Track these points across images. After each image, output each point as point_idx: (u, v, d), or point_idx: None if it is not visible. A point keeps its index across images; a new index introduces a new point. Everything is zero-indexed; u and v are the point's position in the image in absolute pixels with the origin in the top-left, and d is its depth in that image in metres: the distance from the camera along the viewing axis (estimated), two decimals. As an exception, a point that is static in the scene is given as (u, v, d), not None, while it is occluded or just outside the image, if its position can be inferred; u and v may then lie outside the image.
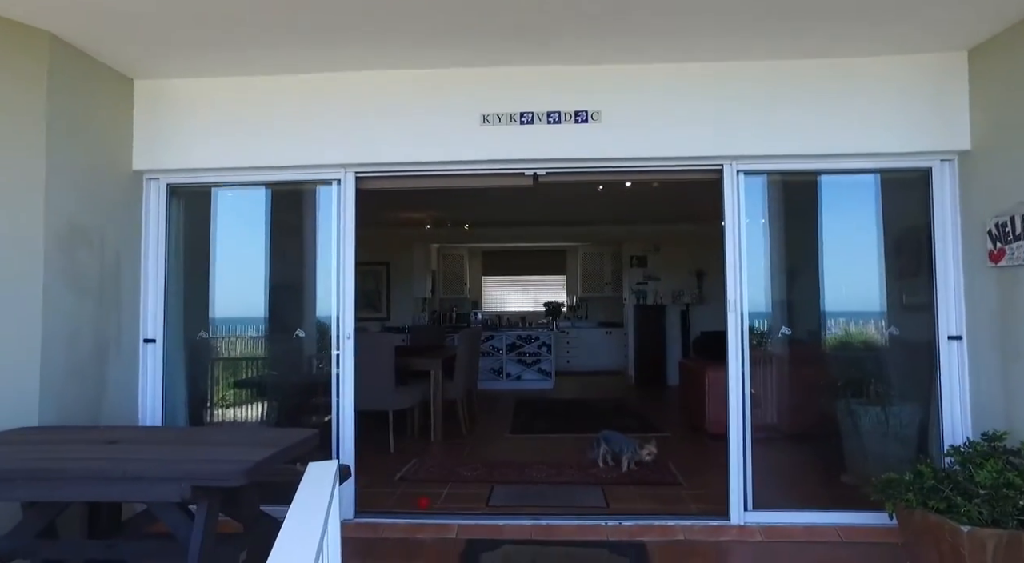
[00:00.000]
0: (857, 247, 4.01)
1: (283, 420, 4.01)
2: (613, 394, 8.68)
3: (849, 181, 3.86)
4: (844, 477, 4.07)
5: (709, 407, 5.42)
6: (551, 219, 9.11)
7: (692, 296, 9.24)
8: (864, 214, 3.92)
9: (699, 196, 6.89)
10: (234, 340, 4.08)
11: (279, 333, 4.04)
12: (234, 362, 4.12)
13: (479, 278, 12.85)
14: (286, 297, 4.06)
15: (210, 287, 4.06)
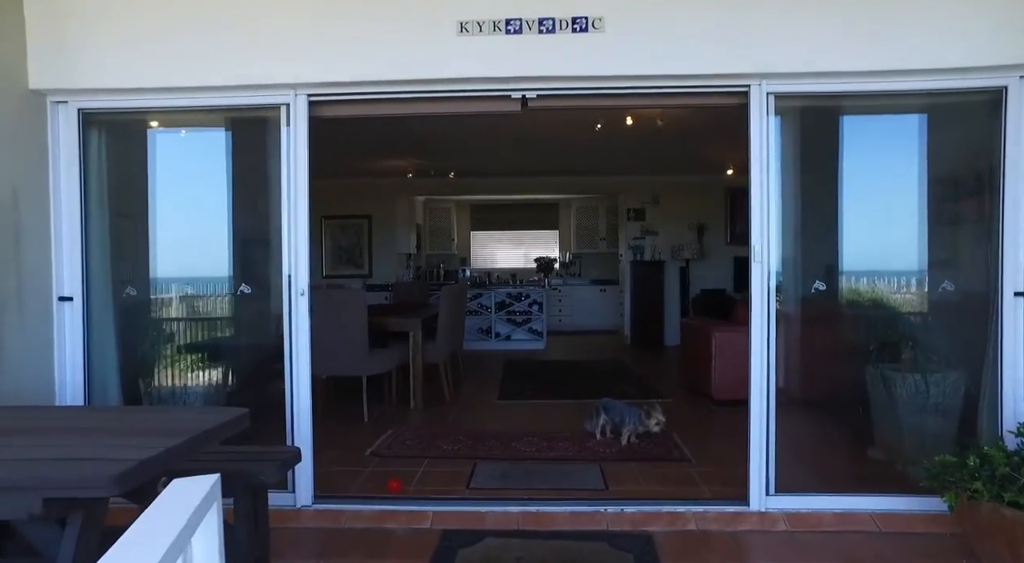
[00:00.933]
0: (900, 189, 3.43)
1: (233, 392, 3.46)
2: (608, 355, 8.20)
3: (898, 107, 3.25)
4: (871, 451, 3.60)
5: (716, 371, 4.92)
6: (543, 169, 8.45)
7: (693, 251, 8.69)
8: (911, 149, 3.34)
9: (707, 137, 6.27)
10: (172, 298, 3.49)
11: (225, 289, 3.46)
12: (173, 323, 3.54)
13: (467, 233, 12.23)
14: (237, 248, 3.46)
15: (145, 236, 3.45)
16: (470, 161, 7.68)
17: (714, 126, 5.71)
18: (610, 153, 7.23)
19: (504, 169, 8.42)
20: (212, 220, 3.45)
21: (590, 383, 6.08)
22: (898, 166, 3.47)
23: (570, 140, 6.38)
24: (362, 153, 7.19)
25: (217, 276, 3.43)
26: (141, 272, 3.40)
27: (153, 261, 3.42)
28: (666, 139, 6.39)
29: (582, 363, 7.45)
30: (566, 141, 6.43)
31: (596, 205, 11.64)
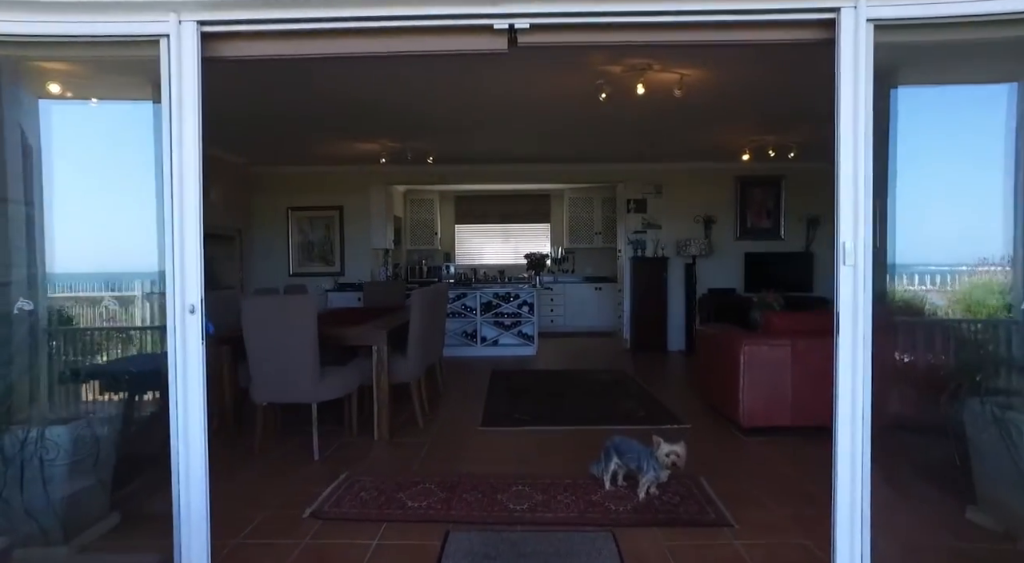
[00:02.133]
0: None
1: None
2: (607, 363, 7.32)
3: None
4: (972, 513, 2.74)
5: (745, 393, 4.05)
6: (534, 154, 7.53)
7: (701, 247, 7.82)
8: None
9: (728, 112, 5.24)
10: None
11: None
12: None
13: (452, 226, 11.30)
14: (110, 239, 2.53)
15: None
16: (451, 143, 6.74)
17: (740, 97, 4.83)
18: (611, 135, 6.32)
19: (490, 154, 7.50)
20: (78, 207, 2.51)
21: (590, 401, 5.19)
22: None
23: (567, 116, 5.47)
24: (327, 134, 6.24)
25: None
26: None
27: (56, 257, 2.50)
28: (679, 116, 5.50)
29: (578, 374, 6.56)
30: (562, 117, 5.51)
31: (591, 196, 10.75)
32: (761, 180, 8.20)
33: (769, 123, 5.84)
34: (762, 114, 5.50)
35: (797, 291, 7.83)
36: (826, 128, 2.27)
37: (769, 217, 8.27)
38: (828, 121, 2.23)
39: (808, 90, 4.39)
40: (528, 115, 5.50)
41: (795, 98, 4.95)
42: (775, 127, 6.01)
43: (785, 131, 6.15)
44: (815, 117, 5.22)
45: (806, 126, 5.91)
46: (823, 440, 3.25)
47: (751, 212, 8.27)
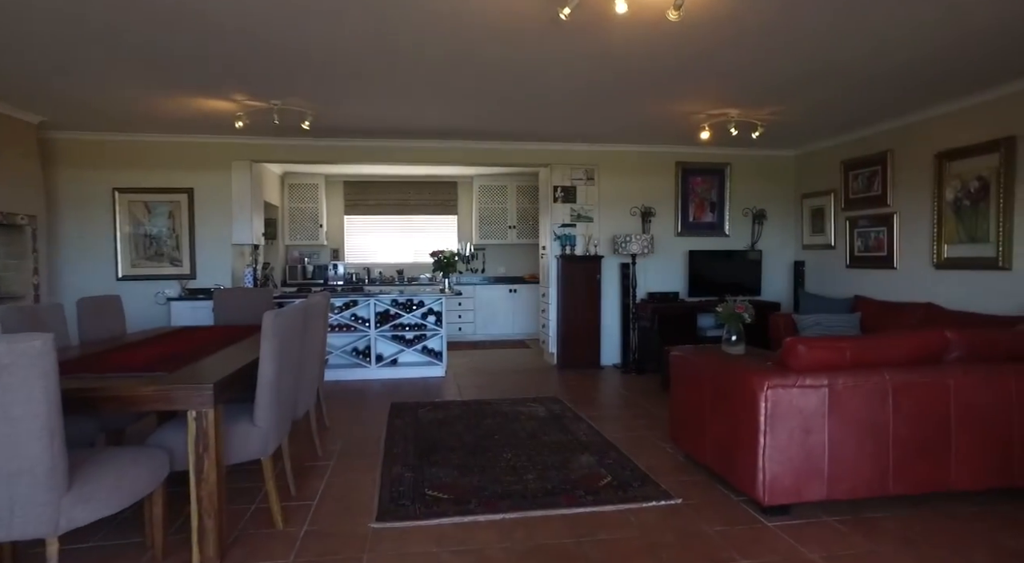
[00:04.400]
0: None
1: None
2: (535, 386, 5.95)
3: None
4: None
5: (767, 457, 2.79)
6: (439, 128, 5.99)
7: (643, 244, 6.64)
8: None
9: (716, 57, 3.68)
10: None
11: None
12: None
13: (340, 218, 9.51)
14: None
15: None
16: (332, 104, 5.06)
17: (740, 29, 3.58)
18: (544, 100, 4.92)
19: (384, 127, 5.87)
20: None
21: (530, 455, 3.77)
22: None
23: (490, 66, 3.99)
24: (154, 78, 4.36)
25: None
26: None
27: None
28: (644, 71, 4.19)
29: (503, 405, 5.13)
30: (483, 69, 4.02)
31: (504, 184, 9.39)
32: (704, 168, 7.17)
33: (746, 88, 4.68)
34: (746, 74, 4.32)
35: (745, 294, 6.86)
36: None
37: (713, 210, 7.25)
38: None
39: (824, 40, 3.25)
40: (437, 62, 3.98)
41: (802, 49, 3.79)
42: (747, 97, 4.88)
43: (758, 103, 5.05)
44: (814, 79, 4.19)
45: (793, 95, 4.83)
46: (870, 523, 2.64)
47: (693, 204, 7.22)
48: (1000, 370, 3.04)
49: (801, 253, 7.16)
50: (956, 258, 5.17)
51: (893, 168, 5.79)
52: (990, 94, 4.81)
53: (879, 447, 2.86)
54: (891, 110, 5.41)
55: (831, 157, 6.62)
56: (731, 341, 5.04)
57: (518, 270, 9.75)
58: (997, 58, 4.10)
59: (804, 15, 3.28)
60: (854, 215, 6.31)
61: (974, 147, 4.97)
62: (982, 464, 2.99)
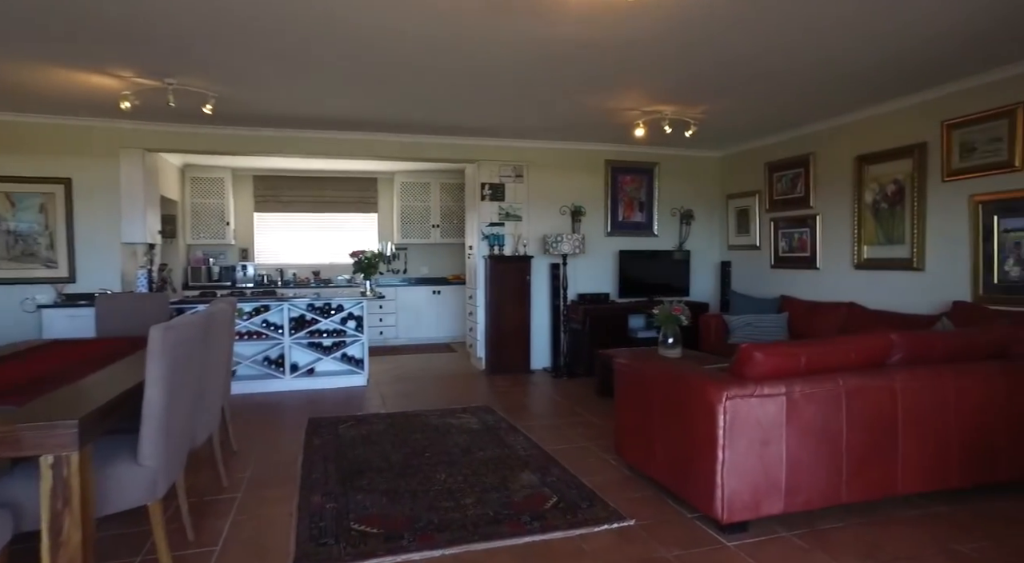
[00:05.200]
0: None
1: None
2: (465, 394, 5.64)
3: None
4: None
5: (726, 472, 2.62)
6: (359, 119, 5.56)
7: (574, 244, 6.46)
8: None
9: (661, 58, 3.42)
10: None
11: None
12: None
13: (250, 215, 8.79)
14: None
15: None
16: (237, 85, 4.52)
17: (683, 22, 3.42)
18: (471, 91, 4.61)
19: (299, 112, 5.37)
20: None
21: (466, 475, 3.46)
22: None
23: (416, 50, 3.64)
24: (9, 46, 3.69)
25: None
26: None
27: None
28: (582, 63, 3.96)
29: (432, 417, 4.78)
30: (408, 52, 3.67)
31: (428, 181, 9.00)
32: (633, 167, 7.10)
33: (682, 85, 4.58)
34: (683, 69, 4.19)
35: (673, 294, 6.86)
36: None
37: (642, 210, 7.20)
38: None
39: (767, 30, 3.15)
40: (356, 41, 3.59)
41: (740, 46, 3.69)
42: (682, 94, 4.78)
43: (692, 101, 4.96)
44: (747, 77, 4.08)
45: (726, 93, 4.77)
46: (827, 536, 2.59)
47: (623, 204, 7.13)
48: (939, 371, 3.03)
49: (727, 253, 7.24)
50: (875, 259, 5.31)
51: (815, 170, 5.91)
52: (905, 101, 4.96)
53: (834, 455, 2.77)
54: (814, 113, 5.50)
55: (755, 159, 6.71)
56: (668, 344, 4.95)
57: (442, 271, 9.39)
58: (913, 67, 4.21)
59: (749, 10, 3.16)
60: (778, 216, 6.41)
61: (891, 151, 5.12)
62: (925, 467, 2.97)
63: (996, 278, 4.41)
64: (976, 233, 4.51)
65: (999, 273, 4.40)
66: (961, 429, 3.03)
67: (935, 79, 4.51)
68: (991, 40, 3.75)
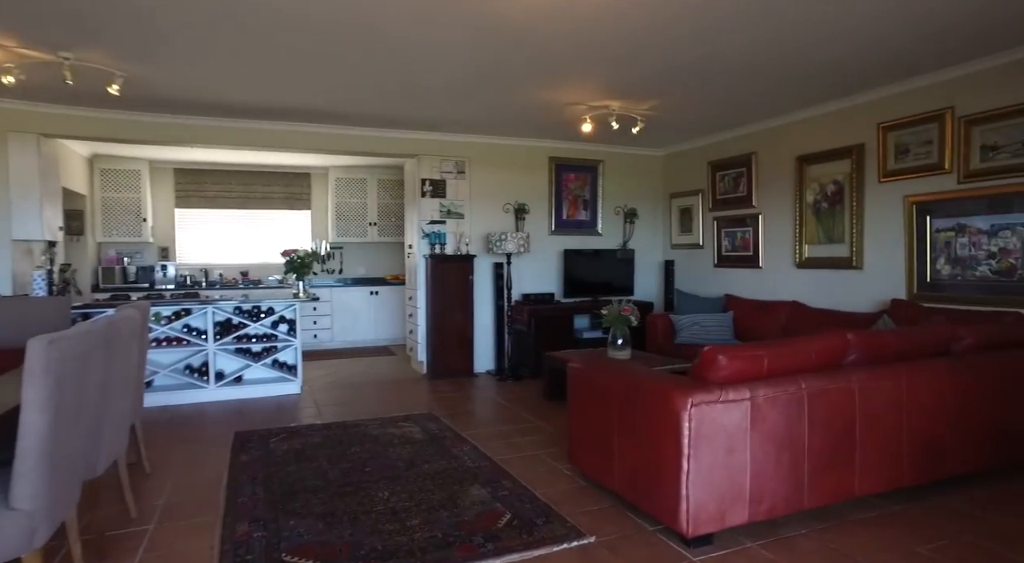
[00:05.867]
0: None
1: None
2: (407, 401, 5.35)
3: None
4: None
5: (691, 483, 2.48)
6: (289, 108, 5.18)
7: (519, 243, 6.27)
8: None
9: (612, 51, 3.16)
10: None
11: None
12: None
13: (170, 211, 8.16)
14: None
15: None
16: (149, 62, 4.08)
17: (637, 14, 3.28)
18: (415, 77, 4.34)
19: (223, 98, 4.94)
20: None
21: (411, 491, 3.20)
22: None
23: (350, 32, 3.35)
24: None
25: None
26: None
27: None
28: (531, 52, 3.77)
29: (373, 427, 4.48)
30: (340, 34, 3.37)
31: (364, 177, 8.62)
32: (578, 165, 6.98)
33: (630, 79, 4.46)
34: (632, 63, 4.07)
35: (618, 294, 6.79)
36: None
37: (586, 208, 7.10)
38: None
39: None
40: (285, 20, 3.27)
41: (688, 40, 3.59)
42: (630, 88, 4.67)
43: (640, 96, 4.86)
44: (695, 73, 3.95)
45: (673, 90, 4.69)
46: (791, 544, 2.45)
47: (567, 202, 7.01)
48: (894, 370, 3.01)
49: (670, 252, 7.23)
50: (816, 258, 5.38)
51: (758, 170, 5.95)
52: (845, 103, 5.03)
53: (796, 460, 2.68)
54: (757, 113, 5.53)
55: (698, 158, 6.72)
56: (617, 345, 4.84)
57: (380, 270, 9.02)
58: (853, 69, 4.26)
59: (698, 5, 3.05)
60: (721, 215, 6.44)
61: (830, 152, 5.20)
62: (881, 467, 2.94)
63: (929, 277, 4.52)
64: (910, 233, 4.61)
65: (931, 272, 4.51)
66: (912, 427, 3.02)
67: (872, 82, 4.59)
68: (923, 47, 3.82)
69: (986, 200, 4.17)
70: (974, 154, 4.23)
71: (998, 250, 4.15)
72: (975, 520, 2.87)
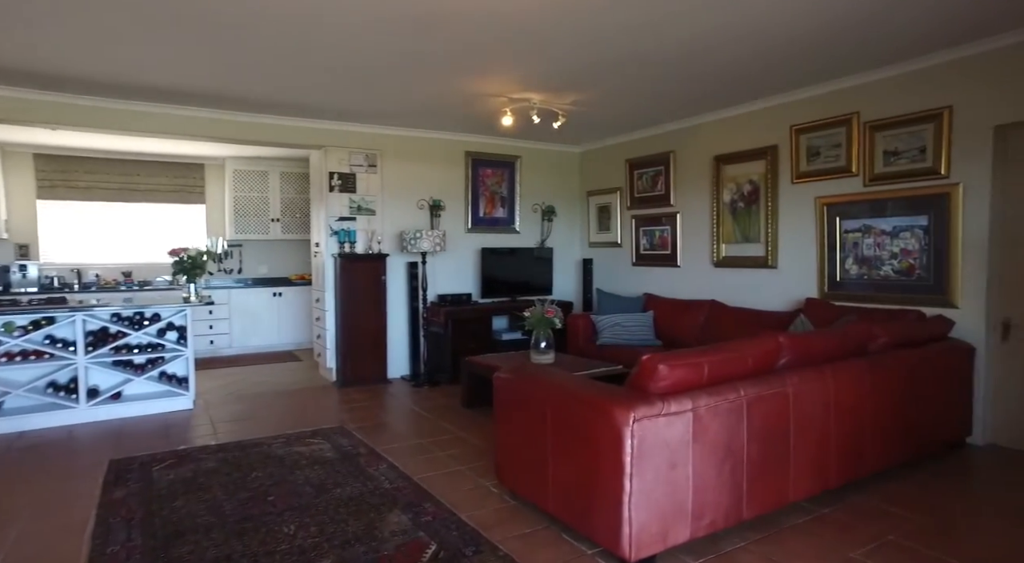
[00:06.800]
0: None
1: None
2: (314, 413, 4.91)
3: None
4: None
5: (634, 504, 2.31)
6: (174, 86, 4.60)
7: (435, 241, 5.95)
8: None
9: (537, 38, 3.09)
10: None
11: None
12: None
13: (31, 203, 7.18)
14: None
15: None
16: (1, 34, 3.44)
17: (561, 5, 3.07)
18: (323, 61, 3.94)
19: (94, 71, 4.29)
20: None
21: (318, 524, 2.84)
22: None
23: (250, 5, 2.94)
24: None
25: None
26: None
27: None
28: (445, 40, 3.47)
29: (278, 449, 4.04)
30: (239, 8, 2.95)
31: (266, 169, 7.99)
32: (495, 160, 6.75)
33: (553, 71, 4.27)
34: (555, 54, 3.88)
35: (536, 293, 6.64)
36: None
37: (504, 206, 6.88)
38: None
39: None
40: None
41: (614, 28, 3.44)
42: (552, 80, 4.49)
43: (562, 89, 4.69)
44: (618, 67, 3.77)
45: (596, 83, 4.54)
46: (733, 558, 2.32)
47: (484, 198, 6.76)
48: (822, 372, 3.00)
49: (588, 251, 7.17)
50: (733, 257, 5.45)
51: (676, 169, 5.97)
52: (760, 104, 5.11)
53: (736, 471, 2.58)
54: (675, 112, 5.52)
55: (616, 155, 6.68)
56: (540, 348, 4.66)
57: (284, 270, 8.40)
58: (767, 72, 4.30)
59: None
60: (639, 214, 6.42)
61: (746, 152, 5.27)
62: (811, 471, 2.92)
63: (838, 276, 4.66)
64: (822, 233, 4.74)
65: (841, 271, 4.65)
66: (838, 428, 3.03)
67: (785, 86, 4.67)
68: (831, 52, 3.90)
69: (889, 203, 4.33)
70: (878, 158, 4.38)
71: (899, 250, 4.32)
72: (896, 519, 2.90)
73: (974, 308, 3.94)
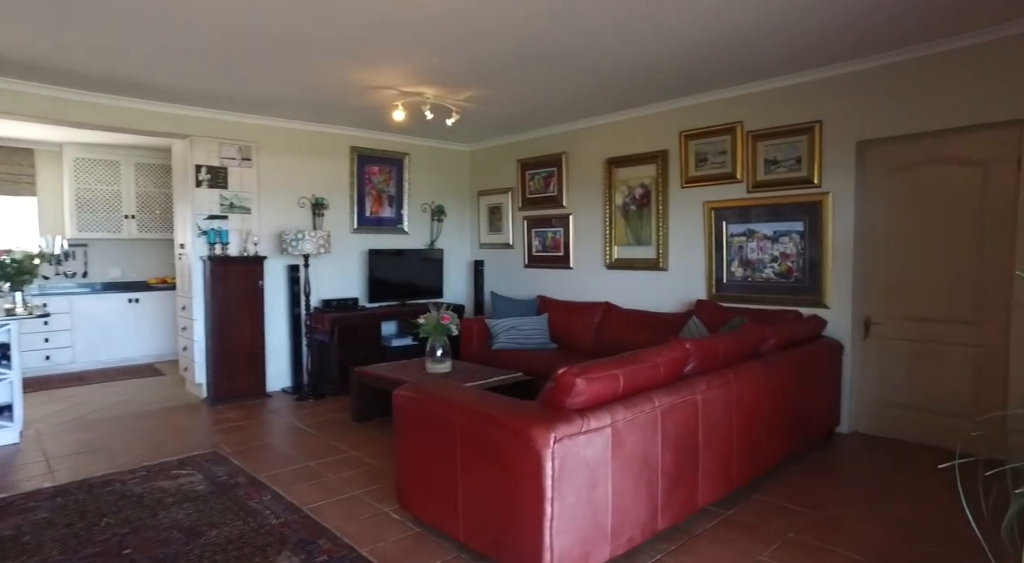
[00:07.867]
0: None
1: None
2: (183, 440, 4.32)
3: None
4: None
5: (555, 529, 2.16)
6: (10, 58, 3.86)
7: (319, 242, 5.50)
8: None
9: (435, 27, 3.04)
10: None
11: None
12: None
13: None
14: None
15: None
16: None
17: None
18: (190, 36, 3.44)
19: None
20: None
21: (195, 578, 2.43)
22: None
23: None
24: None
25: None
26: None
27: None
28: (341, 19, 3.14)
29: (136, 486, 3.48)
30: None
31: (117, 159, 7.05)
32: (382, 157, 6.39)
33: (449, 63, 4.05)
34: (454, 43, 3.66)
35: (427, 296, 6.40)
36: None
37: (392, 205, 6.54)
38: None
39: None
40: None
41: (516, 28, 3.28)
42: (448, 74, 4.26)
43: (457, 84, 4.47)
44: (518, 63, 3.66)
45: (494, 79, 4.37)
46: None
47: (371, 197, 6.38)
48: (726, 377, 3.04)
49: (479, 252, 7.01)
50: (625, 259, 5.53)
51: (568, 170, 5.96)
52: (652, 109, 5.21)
53: (652, 483, 2.52)
54: (568, 113, 5.50)
55: (507, 155, 6.57)
56: (436, 357, 4.43)
57: (142, 273, 7.46)
58: (658, 77, 4.38)
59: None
60: (531, 215, 6.36)
61: (638, 156, 5.35)
62: (718, 475, 2.95)
63: (725, 278, 4.85)
64: (709, 237, 4.91)
65: (727, 274, 4.84)
66: (740, 430, 3.09)
67: (675, 92, 4.78)
68: (717, 62, 4.02)
69: (770, 209, 4.56)
70: (760, 166, 4.60)
71: (780, 254, 4.56)
72: (793, 515, 3.00)
73: (842, 308, 4.24)
